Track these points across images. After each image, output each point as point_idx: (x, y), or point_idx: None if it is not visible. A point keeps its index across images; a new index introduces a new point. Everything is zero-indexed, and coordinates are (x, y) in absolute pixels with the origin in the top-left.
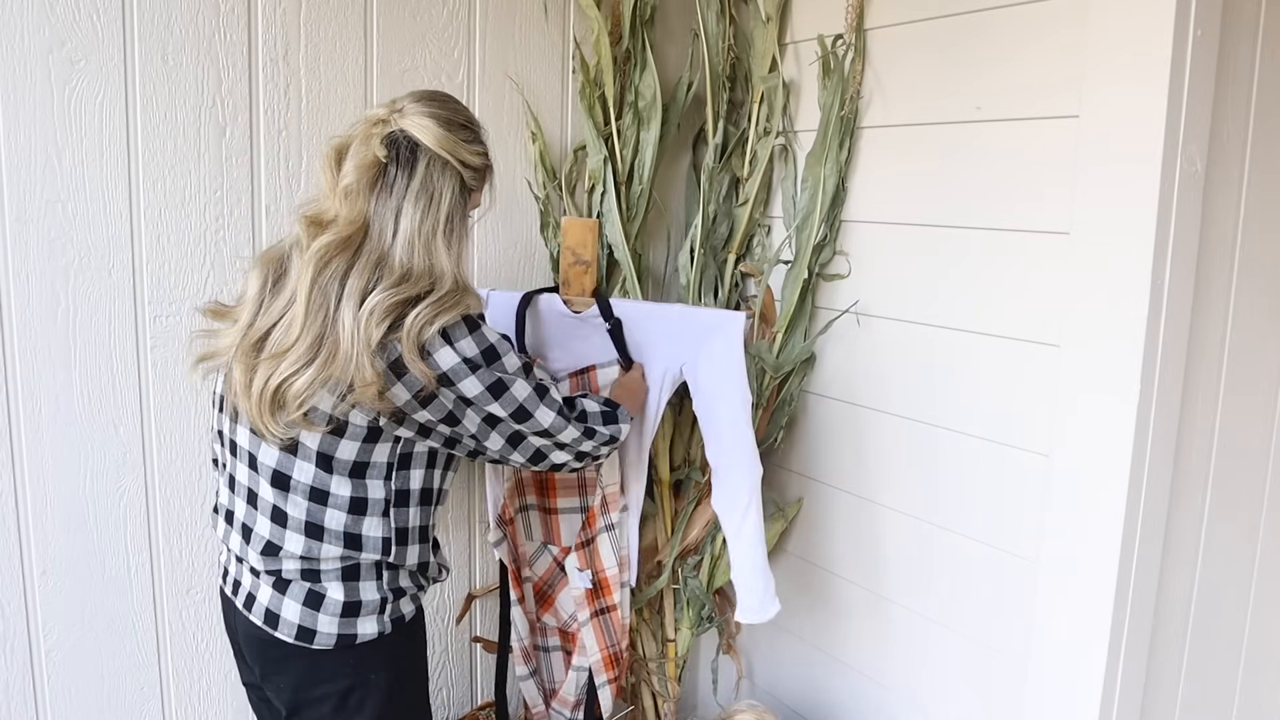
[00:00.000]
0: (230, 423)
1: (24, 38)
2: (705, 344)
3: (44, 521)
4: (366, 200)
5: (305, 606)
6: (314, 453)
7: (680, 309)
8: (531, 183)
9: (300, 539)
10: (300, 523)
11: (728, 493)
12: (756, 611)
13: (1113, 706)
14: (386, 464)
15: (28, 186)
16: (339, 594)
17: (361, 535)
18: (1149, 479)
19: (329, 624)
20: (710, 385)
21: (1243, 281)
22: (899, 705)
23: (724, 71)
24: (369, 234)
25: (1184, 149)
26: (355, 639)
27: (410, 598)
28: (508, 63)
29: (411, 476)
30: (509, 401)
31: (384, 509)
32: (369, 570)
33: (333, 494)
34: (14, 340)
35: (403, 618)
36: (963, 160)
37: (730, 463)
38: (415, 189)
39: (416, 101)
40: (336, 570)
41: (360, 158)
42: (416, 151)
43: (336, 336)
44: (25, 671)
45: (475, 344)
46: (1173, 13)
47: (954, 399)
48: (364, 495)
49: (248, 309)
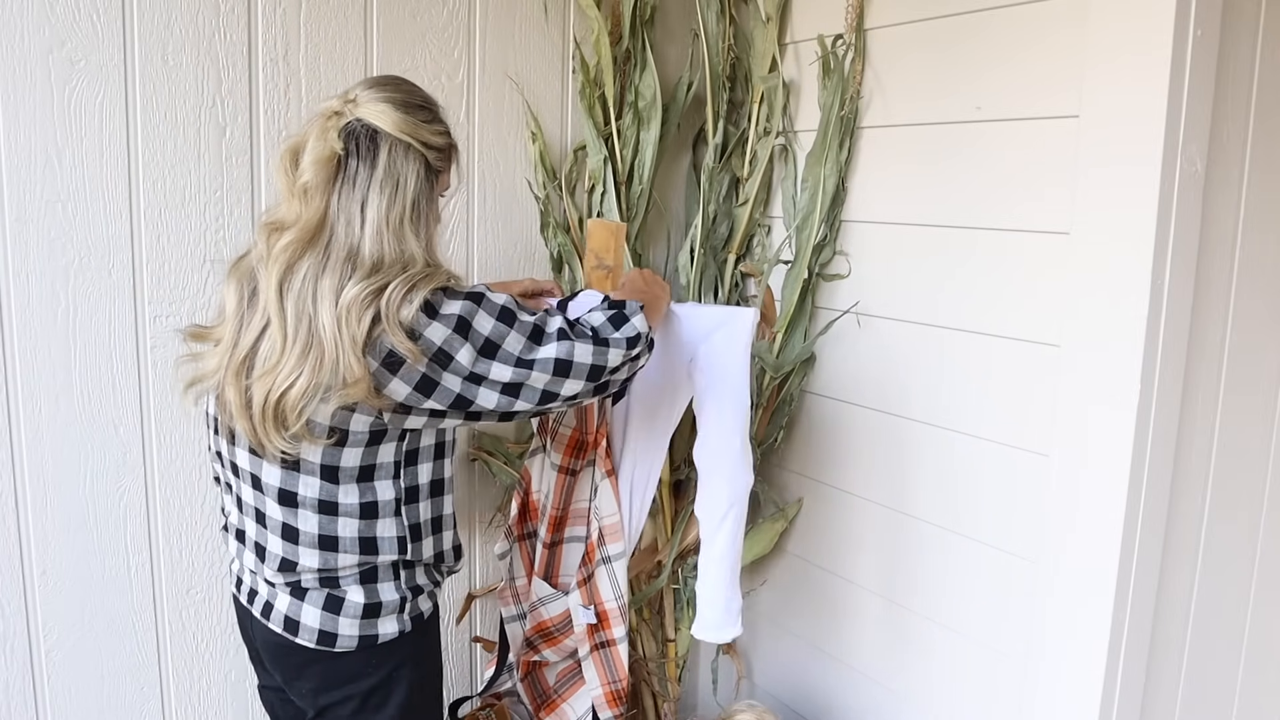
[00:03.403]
0: (228, 444)
1: (24, 38)
2: (709, 338)
3: (44, 521)
4: (325, 196)
5: (325, 611)
6: (317, 465)
7: (691, 306)
8: (531, 183)
9: (315, 553)
10: (313, 537)
11: (707, 498)
12: (715, 629)
13: (1113, 706)
14: (393, 463)
15: (28, 186)
16: (359, 596)
17: (376, 538)
18: (1149, 479)
19: (350, 626)
20: (704, 381)
21: (1243, 281)
22: (899, 705)
23: (724, 71)
24: (334, 230)
25: (1184, 149)
26: (377, 639)
27: (428, 594)
28: (508, 63)
29: (419, 472)
30: (506, 357)
31: (395, 508)
32: (386, 571)
33: (342, 503)
34: (14, 340)
35: (421, 615)
36: (963, 160)
37: (714, 466)
38: (379, 177)
39: (369, 88)
40: (355, 575)
41: (317, 153)
42: (376, 138)
43: (320, 340)
44: (25, 671)
45: (457, 307)
46: (1173, 13)
47: (954, 399)
48: (374, 499)
49: (229, 327)
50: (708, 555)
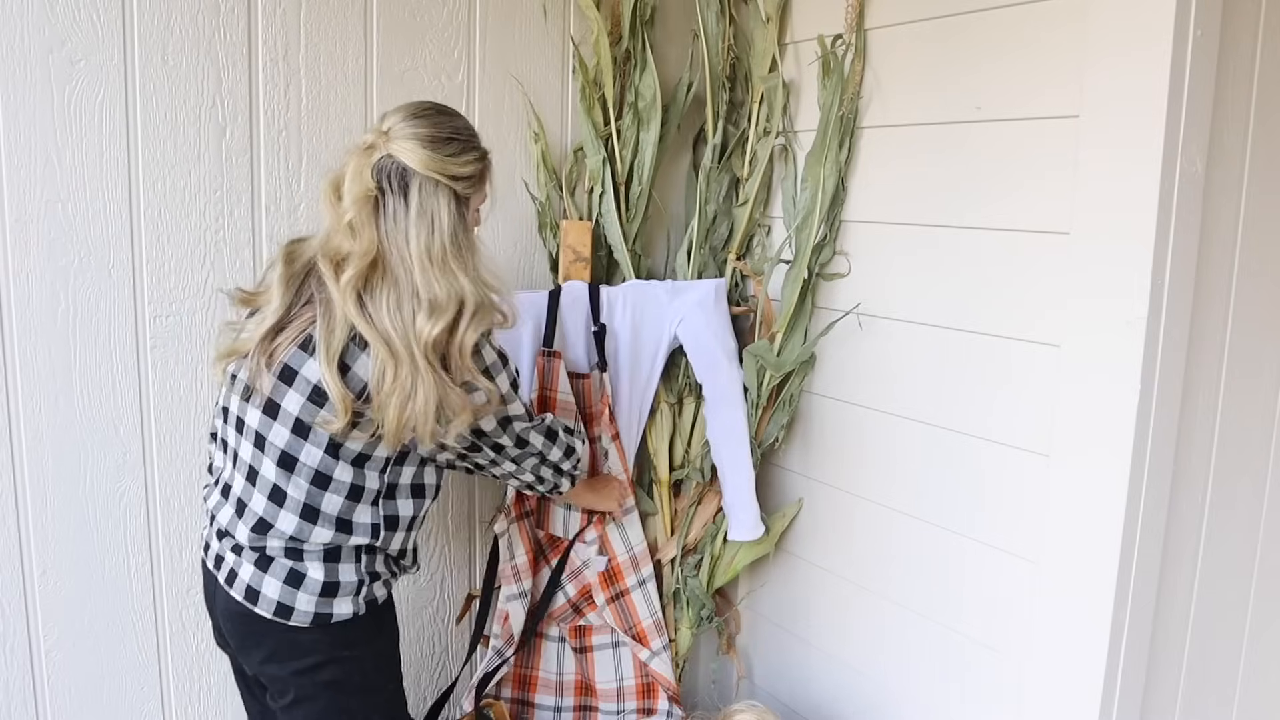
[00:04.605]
0: (241, 401)
1: (24, 38)
2: (696, 304)
3: (44, 521)
4: (373, 229)
5: (286, 585)
6: (326, 438)
7: (670, 284)
8: (530, 183)
9: (294, 519)
10: (298, 504)
11: (725, 423)
12: (750, 529)
13: (1113, 706)
14: (385, 458)
15: (28, 186)
16: (319, 574)
17: (353, 521)
18: (1149, 479)
19: (307, 602)
20: (707, 334)
21: (1243, 281)
22: (899, 705)
23: (724, 72)
24: (389, 260)
25: (1184, 149)
26: (331, 618)
27: (384, 582)
28: (508, 63)
29: (404, 472)
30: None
31: (375, 498)
32: (350, 553)
33: (335, 479)
34: (14, 340)
35: (375, 600)
36: (963, 160)
37: (728, 395)
38: (414, 214)
39: (403, 121)
40: (319, 551)
41: (354, 193)
42: (406, 176)
43: (425, 369)
44: (25, 671)
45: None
46: (1173, 12)
47: (954, 399)
48: (362, 484)
49: (273, 308)
50: (738, 470)
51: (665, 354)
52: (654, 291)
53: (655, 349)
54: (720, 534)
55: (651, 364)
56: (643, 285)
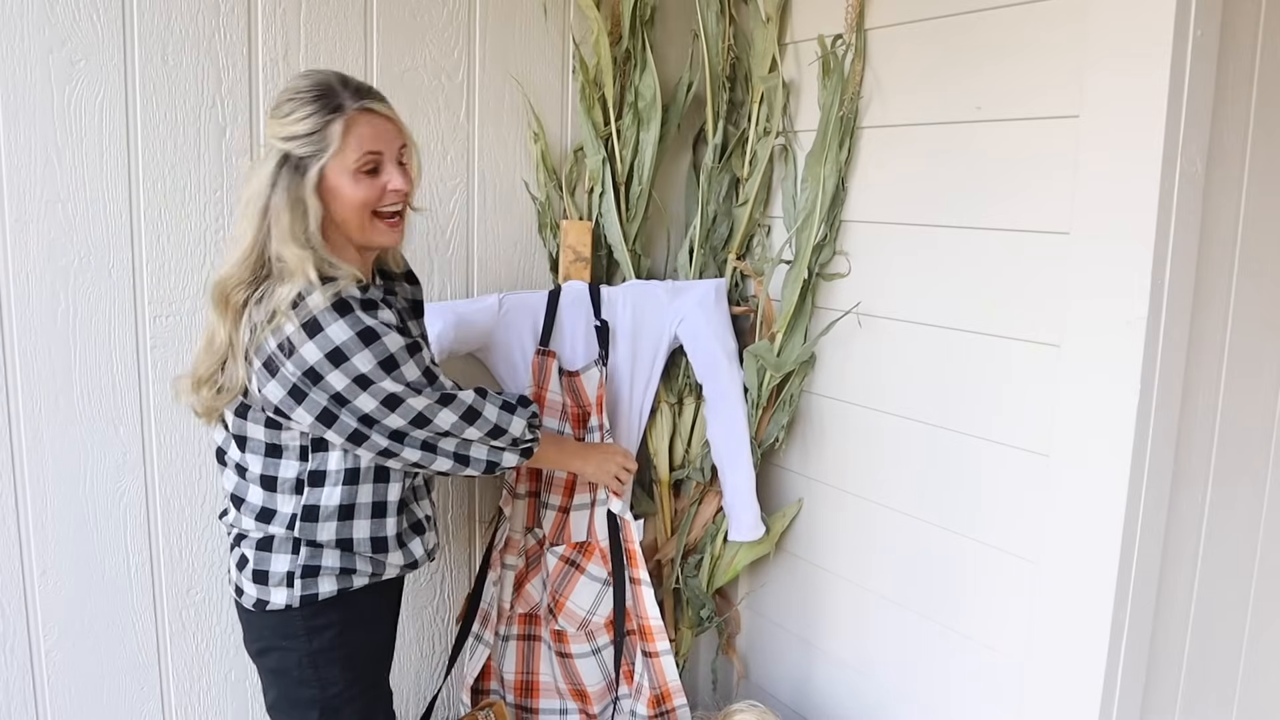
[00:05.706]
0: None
1: (24, 38)
2: (697, 303)
3: (44, 521)
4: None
5: (236, 567)
6: (231, 435)
7: (670, 283)
8: (530, 183)
9: (232, 510)
10: (228, 494)
11: (725, 423)
12: (751, 529)
13: (1113, 706)
14: (300, 447)
15: (28, 186)
16: (252, 561)
17: (275, 510)
18: (1149, 479)
19: (249, 586)
20: (708, 333)
21: (1243, 281)
22: (900, 705)
23: (724, 71)
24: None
25: (1184, 149)
26: (266, 605)
27: (334, 577)
28: (508, 63)
29: (329, 458)
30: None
31: (295, 487)
32: (282, 544)
33: (249, 470)
34: (14, 340)
35: (315, 595)
36: (963, 160)
37: (729, 395)
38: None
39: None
40: (254, 540)
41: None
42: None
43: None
44: (25, 671)
45: (346, 328)
46: (1173, 13)
47: (954, 399)
48: (274, 474)
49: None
50: (738, 469)
51: (665, 354)
52: (654, 291)
53: (655, 349)
54: (720, 534)
55: (652, 364)
56: (643, 285)
